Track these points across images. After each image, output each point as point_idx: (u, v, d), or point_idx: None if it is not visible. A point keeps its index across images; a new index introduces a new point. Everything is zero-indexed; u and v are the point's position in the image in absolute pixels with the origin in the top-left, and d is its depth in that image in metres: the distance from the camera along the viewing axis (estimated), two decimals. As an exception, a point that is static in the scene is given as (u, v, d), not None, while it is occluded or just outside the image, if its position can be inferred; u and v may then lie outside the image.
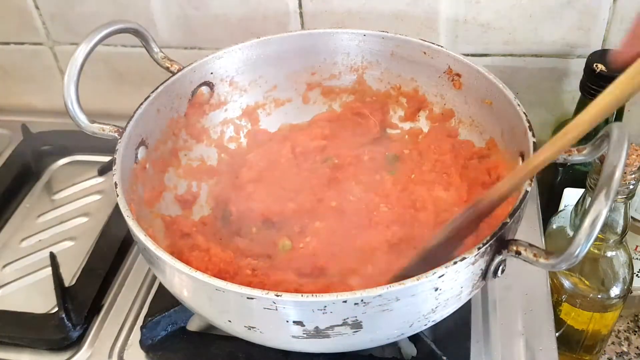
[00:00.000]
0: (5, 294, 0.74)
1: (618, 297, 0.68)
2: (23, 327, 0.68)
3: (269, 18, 0.86)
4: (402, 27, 0.83)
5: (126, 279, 0.74)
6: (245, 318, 0.49)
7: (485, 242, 0.48)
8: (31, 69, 1.01)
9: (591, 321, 0.70)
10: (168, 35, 0.90)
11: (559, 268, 0.46)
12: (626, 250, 0.67)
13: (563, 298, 0.70)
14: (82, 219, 0.83)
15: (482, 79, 0.67)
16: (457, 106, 0.73)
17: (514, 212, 0.50)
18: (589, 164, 0.63)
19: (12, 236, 0.82)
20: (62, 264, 0.75)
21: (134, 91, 0.89)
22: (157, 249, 0.50)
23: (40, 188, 0.89)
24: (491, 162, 0.67)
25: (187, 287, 0.51)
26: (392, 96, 0.77)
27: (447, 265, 0.46)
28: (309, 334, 0.48)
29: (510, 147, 0.63)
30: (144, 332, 0.64)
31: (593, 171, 0.60)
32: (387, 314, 0.47)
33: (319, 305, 0.45)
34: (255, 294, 0.46)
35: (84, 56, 0.60)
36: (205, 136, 0.75)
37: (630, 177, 0.58)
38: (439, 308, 0.50)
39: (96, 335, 0.68)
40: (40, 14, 0.93)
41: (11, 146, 0.94)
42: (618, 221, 0.63)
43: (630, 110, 0.79)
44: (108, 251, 0.75)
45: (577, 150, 0.55)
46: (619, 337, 0.81)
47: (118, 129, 0.62)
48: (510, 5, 0.79)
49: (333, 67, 0.78)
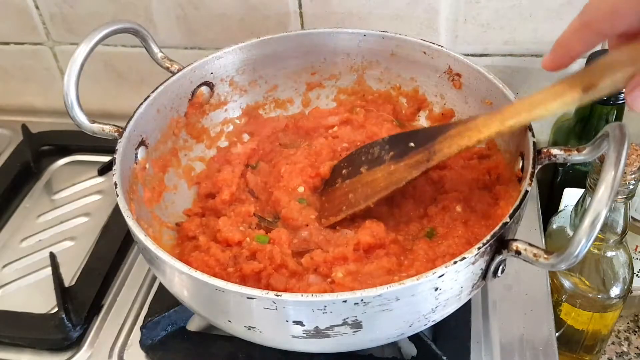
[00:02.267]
0: (5, 294, 0.74)
1: (618, 297, 0.68)
2: (23, 327, 0.68)
3: (269, 18, 0.86)
4: (402, 27, 0.83)
5: (126, 279, 0.74)
6: (245, 318, 0.49)
7: (485, 242, 0.48)
8: (31, 69, 1.01)
9: (591, 321, 0.70)
10: (168, 35, 0.90)
11: (559, 268, 0.46)
12: (626, 250, 0.67)
13: (563, 298, 0.70)
14: (82, 219, 0.83)
15: (482, 79, 0.67)
16: (457, 106, 0.73)
17: (514, 212, 0.50)
18: (589, 164, 0.63)
19: (12, 236, 0.82)
20: (62, 264, 0.75)
21: (134, 91, 0.89)
22: (157, 249, 0.50)
23: (40, 188, 0.89)
24: (491, 162, 0.67)
25: (187, 287, 0.51)
26: (392, 96, 0.78)
27: (447, 265, 0.46)
28: (309, 334, 0.48)
29: (510, 147, 0.63)
30: (144, 332, 0.64)
31: (593, 171, 0.60)
32: (387, 314, 0.47)
33: (319, 305, 0.45)
34: (255, 294, 0.46)
35: (84, 56, 0.60)
36: (205, 136, 0.75)
37: (630, 177, 0.58)
38: (438, 308, 0.50)
39: (96, 335, 0.68)
40: (40, 14, 0.93)
41: (11, 146, 0.94)
42: (618, 221, 0.63)
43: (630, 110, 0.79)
44: (108, 251, 0.75)
45: (577, 150, 0.55)
46: (619, 337, 0.81)
47: (118, 129, 0.62)
48: (510, 5, 0.79)
49: (333, 67, 0.78)
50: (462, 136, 0.59)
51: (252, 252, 0.61)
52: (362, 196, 0.65)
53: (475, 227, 0.61)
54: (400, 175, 0.63)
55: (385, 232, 0.62)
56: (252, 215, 0.67)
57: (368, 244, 0.60)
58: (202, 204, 0.70)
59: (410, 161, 0.62)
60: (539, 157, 0.56)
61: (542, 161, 0.56)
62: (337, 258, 0.59)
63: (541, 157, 0.56)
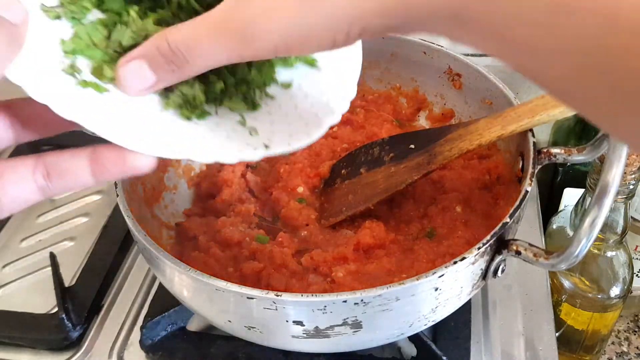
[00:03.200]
0: (5, 294, 0.74)
1: (618, 297, 0.68)
2: (23, 327, 0.68)
3: (269, 18, 0.86)
4: (402, 27, 0.82)
5: (126, 279, 0.74)
6: (245, 318, 0.49)
7: (485, 242, 0.48)
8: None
9: (591, 321, 0.70)
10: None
11: (559, 268, 0.47)
12: (626, 250, 0.67)
13: (563, 298, 0.70)
14: (82, 218, 0.83)
15: (482, 79, 0.67)
16: (457, 106, 0.73)
17: (514, 212, 0.50)
18: (589, 164, 0.64)
19: (12, 236, 0.82)
20: (62, 264, 0.75)
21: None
22: (157, 248, 0.50)
23: (40, 188, 0.89)
24: (491, 162, 0.67)
25: (187, 287, 0.51)
26: (392, 96, 0.77)
27: (447, 265, 0.46)
28: (309, 334, 0.48)
29: (510, 147, 0.63)
30: (143, 332, 0.64)
31: (593, 171, 0.60)
32: (387, 314, 0.47)
33: (319, 305, 0.45)
34: (255, 294, 0.46)
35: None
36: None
37: (630, 177, 0.58)
38: (438, 308, 0.50)
39: (96, 336, 0.68)
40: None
41: (11, 146, 0.94)
42: (618, 221, 0.63)
43: (630, 110, 0.79)
44: (108, 251, 0.75)
45: (577, 150, 0.55)
46: (619, 337, 0.81)
47: (118, 129, 0.61)
48: (510, 5, 0.79)
49: (333, 67, 0.77)
50: (463, 139, 0.59)
51: (252, 252, 0.61)
52: (362, 197, 0.65)
53: (475, 227, 0.61)
54: (400, 177, 0.63)
55: (385, 233, 0.62)
56: (252, 215, 0.67)
57: (368, 244, 0.60)
58: (202, 204, 0.70)
59: (410, 163, 0.62)
60: (539, 157, 0.56)
61: (542, 161, 0.56)
62: (337, 258, 0.59)
63: (541, 157, 0.56)
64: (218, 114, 0.44)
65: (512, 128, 0.55)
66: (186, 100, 0.42)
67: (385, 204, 0.65)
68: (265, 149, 0.43)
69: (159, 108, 0.41)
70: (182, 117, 0.42)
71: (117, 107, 0.39)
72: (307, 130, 0.45)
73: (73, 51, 0.40)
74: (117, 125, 0.38)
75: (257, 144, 0.43)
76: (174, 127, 0.41)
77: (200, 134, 0.42)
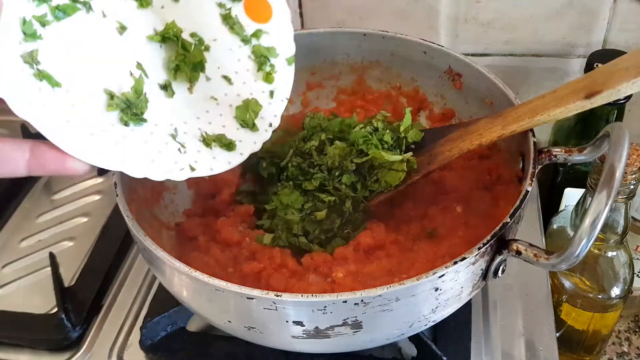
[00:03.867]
0: (5, 294, 0.74)
1: (618, 297, 0.68)
2: (23, 327, 0.68)
3: (269, 18, 0.86)
4: (402, 27, 0.82)
5: (126, 279, 0.73)
6: (245, 318, 0.49)
7: (486, 242, 0.48)
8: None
9: (592, 321, 0.70)
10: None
11: (560, 268, 0.46)
12: (627, 251, 0.67)
13: (563, 298, 0.70)
14: (82, 219, 0.83)
15: (482, 79, 0.67)
16: (458, 106, 0.73)
17: (514, 212, 0.50)
18: (590, 164, 0.63)
19: (12, 236, 0.82)
20: (62, 264, 0.75)
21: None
22: (157, 249, 0.50)
23: (39, 188, 0.89)
24: (492, 162, 0.66)
25: (187, 287, 0.51)
26: (392, 96, 0.77)
27: (447, 265, 0.46)
28: (309, 334, 0.48)
29: (511, 147, 0.63)
30: (143, 333, 0.64)
31: (593, 171, 0.60)
32: (387, 314, 0.47)
33: (319, 306, 0.45)
34: (255, 294, 0.45)
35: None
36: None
37: (630, 177, 0.58)
38: (439, 308, 0.50)
39: (96, 336, 0.68)
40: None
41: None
42: (619, 221, 0.63)
43: (631, 110, 0.79)
44: (108, 251, 0.75)
45: (577, 150, 0.55)
46: (620, 338, 0.81)
47: (118, 129, 0.61)
48: (510, 5, 0.79)
49: (333, 67, 0.77)
50: (463, 140, 0.59)
51: (252, 252, 0.61)
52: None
53: (476, 227, 0.61)
54: None
55: (385, 233, 0.62)
56: (252, 215, 0.67)
57: (368, 245, 0.60)
58: (202, 204, 0.70)
59: None
60: (540, 157, 0.56)
61: (542, 161, 0.56)
62: (337, 258, 0.59)
63: (542, 157, 0.56)
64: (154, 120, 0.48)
65: (513, 128, 0.55)
66: (128, 105, 0.46)
67: (385, 204, 0.65)
68: (190, 171, 0.50)
69: (102, 109, 0.44)
70: (120, 122, 0.45)
71: (65, 107, 0.42)
72: (229, 159, 0.54)
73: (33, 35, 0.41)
74: (63, 129, 0.41)
75: (184, 163, 0.50)
76: (112, 133, 0.45)
77: (134, 145, 0.46)
